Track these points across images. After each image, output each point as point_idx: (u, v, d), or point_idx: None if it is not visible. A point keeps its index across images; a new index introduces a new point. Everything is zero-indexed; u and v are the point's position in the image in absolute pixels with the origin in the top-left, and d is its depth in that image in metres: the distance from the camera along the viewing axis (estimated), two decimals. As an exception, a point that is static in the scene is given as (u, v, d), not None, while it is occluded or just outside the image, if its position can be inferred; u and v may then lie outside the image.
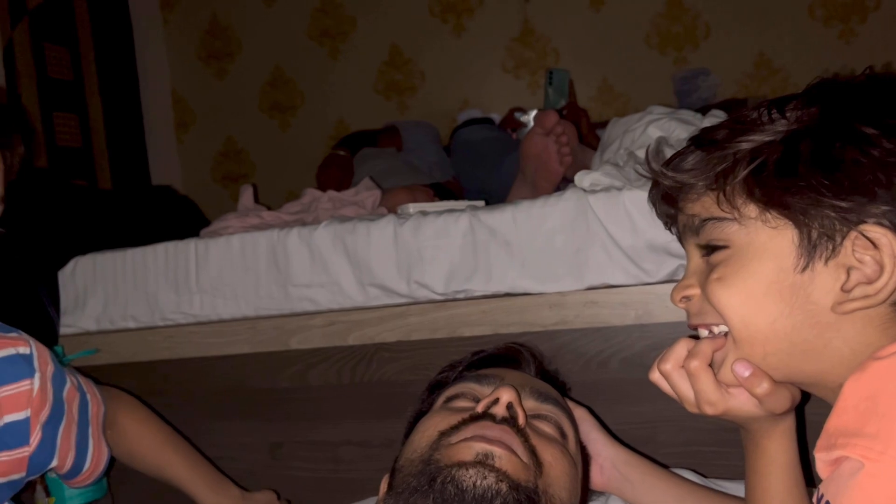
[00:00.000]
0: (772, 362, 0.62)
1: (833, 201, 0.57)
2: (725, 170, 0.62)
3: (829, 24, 2.36)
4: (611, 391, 1.01)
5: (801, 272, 0.59)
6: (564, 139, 1.42)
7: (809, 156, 0.58)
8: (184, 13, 2.87)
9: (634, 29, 2.51)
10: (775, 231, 0.60)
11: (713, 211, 0.63)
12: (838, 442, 0.52)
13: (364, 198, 1.41)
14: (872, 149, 0.57)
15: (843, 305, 0.58)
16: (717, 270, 0.63)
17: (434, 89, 2.67)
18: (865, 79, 0.62)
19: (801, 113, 0.61)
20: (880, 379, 0.53)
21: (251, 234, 1.18)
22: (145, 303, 1.21)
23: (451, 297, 1.07)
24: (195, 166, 2.89)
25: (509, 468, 0.67)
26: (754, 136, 0.62)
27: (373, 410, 1.11)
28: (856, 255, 0.57)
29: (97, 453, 0.98)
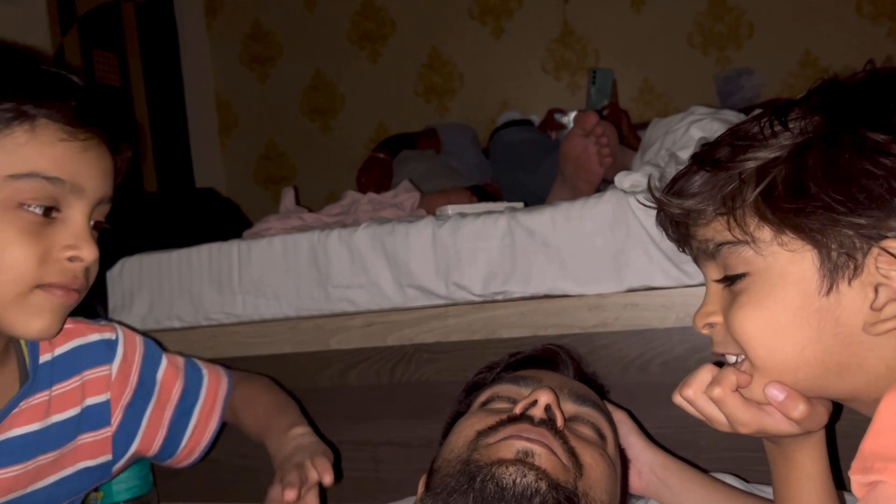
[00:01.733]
0: (804, 386, 0.60)
1: (849, 219, 0.54)
2: (733, 192, 0.59)
3: (877, 21, 2.30)
4: (651, 394, 1.00)
5: (826, 295, 0.56)
6: (604, 140, 1.40)
7: (819, 172, 0.55)
8: (227, 18, 2.91)
9: (676, 29, 2.48)
10: (794, 254, 0.57)
11: (726, 235, 0.60)
12: (875, 466, 0.50)
13: (403, 200, 1.42)
14: (883, 157, 0.54)
15: (876, 326, 0.55)
16: (738, 299, 0.61)
17: (473, 92, 2.67)
18: (866, 77, 0.59)
19: (804, 123, 0.58)
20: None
21: (292, 236, 1.19)
22: (189, 303, 1.23)
23: (489, 299, 1.07)
24: (238, 169, 2.94)
25: (549, 467, 0.66)
26: (759, 152, 0.59)
27: (412, 411, 1.11)
28: (881, 272, 0.55)
29: (197, 433, 1.02)
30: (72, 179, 0.78)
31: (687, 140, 1.21)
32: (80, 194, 0.79)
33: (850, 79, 0.60)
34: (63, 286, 0.79)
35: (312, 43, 2.82)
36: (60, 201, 0.78)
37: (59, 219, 0.78)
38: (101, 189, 0.82)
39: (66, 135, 0.77)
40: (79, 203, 0.79)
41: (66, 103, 0.77)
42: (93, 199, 0.81)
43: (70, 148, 0.77)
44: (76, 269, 0.80)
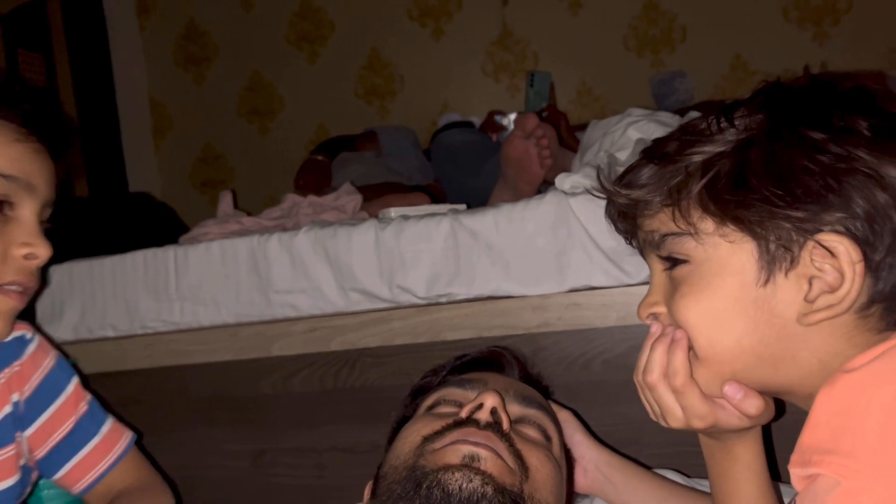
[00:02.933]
0: (742, 378, 0.62)
1: (787, 212, 0.56)
2: (679, 184, 0.61)
3: (802, 26, 2.39)
4: (594, 393, 1.01)
5: (763, 286, 0.58)
6: (545, 142, 1.42)
7: (760, 166, 0.57)
8: (160, 18, 2.84)
9: (612, 32, 2.53)
10: (734, 245, 0.59)
11: (670, 226, 0.62)
12: (813, 459, 0.52)
13: (345, 202, 1.40)
14: (821, 154, 0.56)
15: (808, 317, 0.57)
16: (680, 289, 0.62)
17: (414, 93, 2.67)
18: (808, 81, 0.62)
19: (748, 120, 0.60)
20: (851, 393, 0.53)
21: (231, 241, 1.17)
22: (124, 311, 1.19)
23: (433, 302, 1.07)
24: (173, 172, 2.87)
25: (495, 471, 0.66)
26: (705, 147, 0.61)
27: (357, 416, 1.10)
28: (815, 265, 0.57)
29: (91, 459, 0.98)
30: (25, 178, 0.80)
31: (625, 141, 1.23)
32: (32, 193, 0.81)
33: (792, 82, 0.62)
34: (20, 284, 0.80)
35: (250, 44, 2.78)
36: (14, 199, 0.79)
37: (12, 217, 0.80)
38: (49, 190, 0.84)
39: (21, 136, 0.79)
40: (31, 202, 0.81)
41: (21, 107, 0.80)
42: (42, 199, 0.82)
43: (24, 149, 0.80)
44: (32, 266, 0.82)
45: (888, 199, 0.55)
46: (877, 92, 0.60)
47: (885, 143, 0.56)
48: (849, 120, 0.57)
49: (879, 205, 0.55)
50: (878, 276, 0.56)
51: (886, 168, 0.55)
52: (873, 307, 0.57)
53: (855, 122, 0.57)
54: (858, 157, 0.56)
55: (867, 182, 0.55)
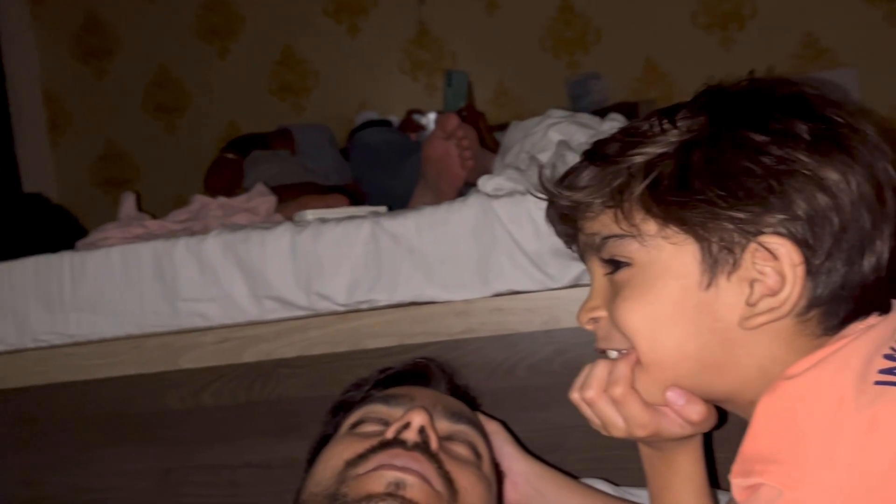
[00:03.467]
0: (683, 384, 0.61)
1: (729, 213, 0.56)
2: (621, 186, 0.60)
3: (710, 31, 2.46)
4: (518, 398, 1.00)
5: (705, 289, 0.57)
6: (466, 143, 1.40)
7: (702, 167, 0.57)
8: (55, 8, 2.69)
9: (528, 33, 2.54)
10: (677, 247, 0.58)
11: (613, 228, 0.61)
12: (755, 468, 0.52)
13: (258, 204, 1.35)
14: (763, 157, 0.56)
15: (750, 320, 0.56)
16: (621, 292, 0.61)
17: (330, 91, 2.62)
18: (749, 84, 0.62)
19: (690, 122, 0.60)
20: (791, 400, 0.53)
21: (134, 246, 1.10)
22: (13, 323, 1.11)
23: (353, 309, 1.03)
24: (72, 171, 2.73)
25: (421, 498, 0.64)
26: (647, 148, 0.60)
27: (273, 430, 1.06)
28: (757, 268, 0.56)
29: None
30: None
31: (546, 143, 1.23)
32: None
33: (733, 86, 0.62)
34: None
35: (155, 36, 2.66)
36: None
37: None
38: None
39: None
40: None
41: None
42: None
43: None
44: None
45: (828, 202, 0.55)
46: (814, 97, 0.60)
47: (825, 147, 0.56)
48: (789, 124, 0.57)
49: (820, 207, 0.55)
50: (818, 280, 0.56)
51: (826, 171, 0.56)
52: (812, 312, 0.57)
53: (795, 125, 0.57)
54: (799, 160, 0.56)
55: (808, 185, 0.55)
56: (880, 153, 0.58)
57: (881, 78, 2.33)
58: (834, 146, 0.56)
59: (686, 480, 0.68)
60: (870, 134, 0.58)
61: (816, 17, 2.37)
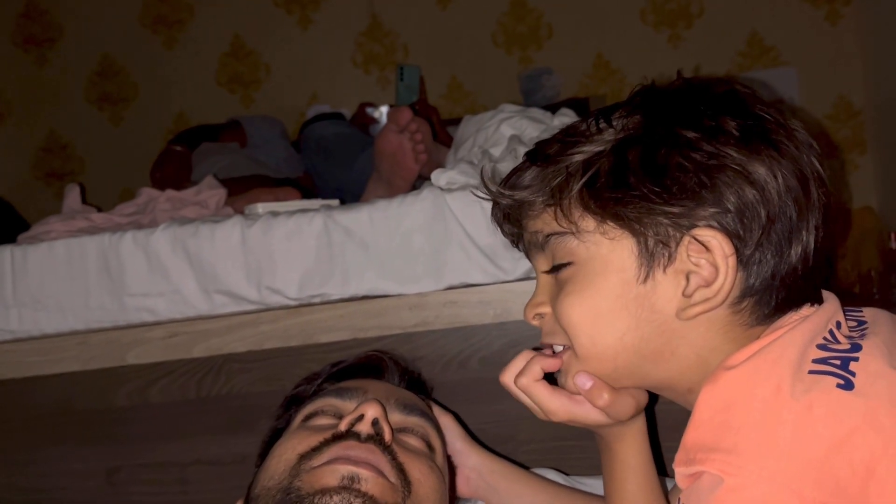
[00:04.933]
0: (622, 373, 0.63)
1: (663, 208, 0.58)
2: (560, 184, 0.62)
3: (658, 28, 2.51)
4: (471, 391, 1.00)
5: (643, 283, 0.60)
6: (419, 136, 1.40)
7: (637, 164, 0.59)
8: (-6, -7, 2.60)
9: (481, 27, 2.55)
10: (614, 243, 0.60)
11: (553, 226, 0.63)
12: (697, 457, 0.53)
13: (207, 197, 1.32)
14: (694, 152, 0.58)
15: (686, 311, 0.59)
16: (564, 288, 0.63)
17: (281, 83, 2.58)
18: (682, 83, 0.64)
19: (626, 121, 0.62)
20: (732, 390, 0.55)
21: (78, 239, 1.07)
22: (-49, 320, 1.07)
23: (305, 303, 1.03)
24: (11, 162, 2.64)
25: (376, 492, 0.64)
26: (585, 147, 0.62)
27: (223, 426, 1.04)
28: (692, 260, 0.58)
29: None
30: None
31: (498, 137, 1.23)
32: None
33: (667, 85, 0.64)
34: None
35: (98, 25, 2.59)
36: None
37: None
38: None
39: None
40: None
41: None
42: None
43: None
44: None
45: (756, 195, 0.57)
46: (745, 95, 0.62)
47: (753, 143, 0.58)
48: (719, 120, 0.59)
49: (748, 200, 0.57)
50: (749, 270, 0.58)
51: (754, 166, 0.58)
52: (745, 302, 0.59)
53: (724, 122, 0.59)
54: (728, 155, 0.58)
55: (737, 179, 0.57)
56: (807, 148, 0.60)
57: (822, 76, 2.40)
58: (762, 142, 0.59)
59: (626, 468, 0.70)
60: (798, 130, 0.61)
61: (761, 16, 2.43)
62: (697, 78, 0.65)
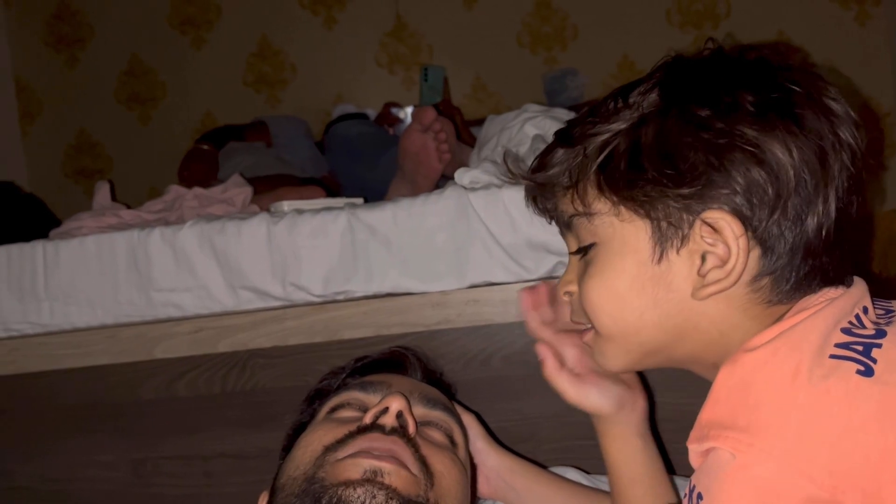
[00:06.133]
0: (649, 348, 0.64)
1: (674, 191, 0.57)
2: (579, 166, 0.63)
3: (684, 29, 2.49)
4: (493, 389, 1.00)
5: (657, 263, 0.60)
6: (443, 136, 1.41)
7: (650, 146, 0.59)
8: (27, -5, 2.64)
9: (506, 28, 2.55)
10: (629, 224, 0.61)
11: (576, 207, 0.64)
12: (710, 434, 0.54)
13: (233, 195, 1.34)
14: (705, 132, 0.57)
15: (701, 290, 0.59)
16: (588, 269, 0.64)
17: (306, 83, 2.60)
18: (710, 54, 0.63)
19: (644, 98, 0.61)
20: (751, 371, 0.55)
21: (108, 235, 1.09)
22: (-16, 312, 1.09)
23: (329, 299, 1.03)
24: (43, 161, 2.68)
25: (399, 484, 0.64)
26: (605, 126, 0.62)
27: (247, 420, 1.05)
28: (706, 241, 0.58)
29: None
30: None
31: (522, 137, 1.24)
32: None
33: (694, 55, 0.63)
34: None
35: (128, 25, 2.62)
36: None
37: None
38: None
39: None
40: None
41: None
42: None
43: None
44: None
45: (764, 175, 0.56)
46: (771, 64, 0.61)
47: (769, 117, 0.57)
48: (736, 95, 0.58)
49: (756, 180, 0.56)
50: (766, 248, 0.58)
51: (768, 142, 0.57)
52: (764, 280, 0.59)
53: (741, 97, 0.58)
54: (740, 133, 0.57)
55: (744, 159, 0.57)
56: (839, 118, 0.59)
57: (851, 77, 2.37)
58: (779, 116, 0.57)
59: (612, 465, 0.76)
60: (832, 100, 0.59)
61: (788, 17, 2.41)
62: (730, 48, 0.63)
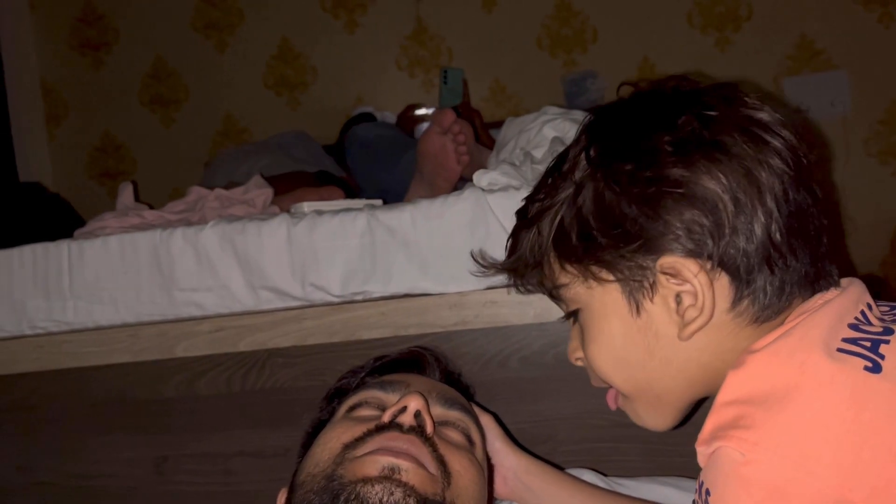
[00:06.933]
0: (672, 396, 0.65)
1: (625, 249, 0.60)
2: (538, 245, 0.65)
3: (705, 31, 2.47)
4: (510, 390, 1.01)
5: (638, 316, 0.62)
6: (462, 138, 1.41)
7: (591, 213, 0.61)
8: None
9: (525, 31, 2.55)
10: (600, 288, 0.63)
11: (547, 282, 0.67)
12: (717, 434, 0.54)
13: (254, 196, 1.35)
14: (633, 187, 0.59)
15: (684, 331, 0.60)
16: (584, 335, 0.66)
17: (327, 86, 2.61)
18: (627, 100, 0.65)
19: (578, 166, 0.63)
20: (755, 370, 0.56)
21: (131, 235, 1.10)
22: (10, 310, 1.11)
23: (348, 300, 1.04)
24: (68, 162, 2.71)
25: (416, 482, 0.65)
26: (551, 200, 0.64)
27: (266, 419, 1.06)
28: (673, 283, 0.60)
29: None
30: None
31: (541, 139, 1.24)
32: None
33: (613, 104, 0.65)
34: None
35: (152, 29, 2.65)
36: None
37: None
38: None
39: None
40: None
41: None
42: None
43: None
44: None
45: (699, 212, 0.58)
46: (691, 91, 0.62)
47: (689, 154, 0.59)
48: (653, 139, 0.60)
49: (693, 220, 0.58)
50: (731, 272, 0.59)
51: (695, 178, 0.58)
52: (743, 302, 0.60)
53: (659, 140, 0.59)
54: (665, 178, 0.58)
55: (675, 203, 0.58)
56: (757, 127, 0.60)
57: (875, 80, 2.35)
58: (696, 149, 0.59)
59: None
60: (744, 110, 0.60)
61: (811, 19, 2.38)
62: (640, 86, 0.65)
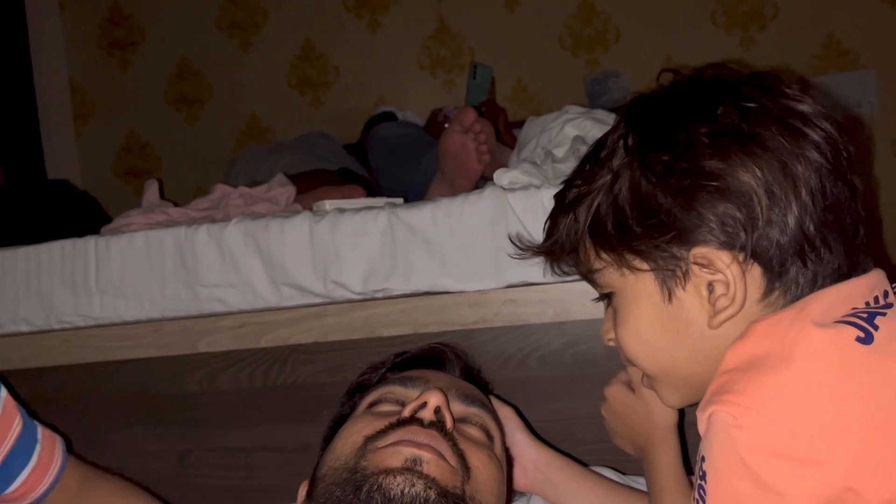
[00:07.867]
0: (697, 380, 0.65)
1: (660, 239, 0.61)
2: (574, 231, 0.67)
3: (730, 31, 2.45)
4: (529, 389, 1.01)
5: (669, 303, 0.63)
6: (483, 137, 1.41)
7: (627, 202, 0.62)
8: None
9: (548, 30, 2.54)
10: (634, 275, 0.64)
11: (586, 266, 0.68)
12: (713, 398, 0.55)
13: (277, 194, 1.37)
14: (669, 177, 0.60)
15: (715, 319, 0.61)
16: (616, 318, 0.68)
17: (349, 85, 2.63)
18: (666, 89, 0.65)
19: (612, 153, 0.64)
20: (754, 339, 0.57)
21: (156, 232, 1.12)
22: (39, 305, 1.13)
23: (369, 297, 1.05)
24: (95, 160, 2.75)
25: (438, 474, 0.65)
26: (588, 187, 0.65)
27: (288, 414, 1.07)
28: (705, 272, 0.61)
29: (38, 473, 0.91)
30: None
31: (562, 138, 1.24)
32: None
33: (651, 93, 0.66)
34: None
35: (178, 29, 2.69)
36: None
37: None
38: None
39: None
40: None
41: None
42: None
43: None
44: None
45: (733, 205, 0.59)
46: (725, 85, 0.62)
47: (725, 147, 0.59)
48: (691, 131, 0.60)
49: (726, 213, 0.59)
50: (764, 263, 0.60)
51: (731, 170, 0.59)
52: (774, 293, 0.60)
53: (696, 132, 0.60)
54: (700, 171, 0.59)
55: (709, 196, 0.59)
56: (796, 119, 0.60)
57: (903, 78, 2.32)
58: (733, 142, 0.59)
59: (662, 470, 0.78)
60: (784, 101, 0.61)
61: (838, 18, 2.35)
62: (682, 74, 0.66)
